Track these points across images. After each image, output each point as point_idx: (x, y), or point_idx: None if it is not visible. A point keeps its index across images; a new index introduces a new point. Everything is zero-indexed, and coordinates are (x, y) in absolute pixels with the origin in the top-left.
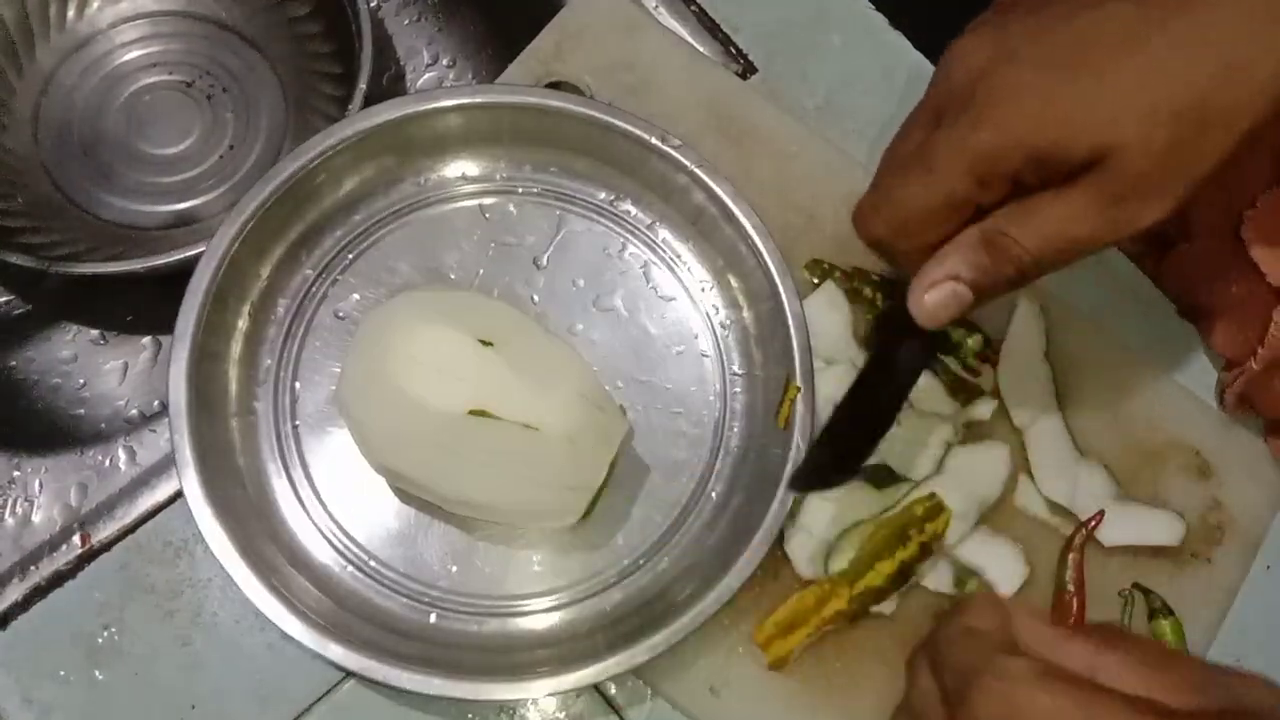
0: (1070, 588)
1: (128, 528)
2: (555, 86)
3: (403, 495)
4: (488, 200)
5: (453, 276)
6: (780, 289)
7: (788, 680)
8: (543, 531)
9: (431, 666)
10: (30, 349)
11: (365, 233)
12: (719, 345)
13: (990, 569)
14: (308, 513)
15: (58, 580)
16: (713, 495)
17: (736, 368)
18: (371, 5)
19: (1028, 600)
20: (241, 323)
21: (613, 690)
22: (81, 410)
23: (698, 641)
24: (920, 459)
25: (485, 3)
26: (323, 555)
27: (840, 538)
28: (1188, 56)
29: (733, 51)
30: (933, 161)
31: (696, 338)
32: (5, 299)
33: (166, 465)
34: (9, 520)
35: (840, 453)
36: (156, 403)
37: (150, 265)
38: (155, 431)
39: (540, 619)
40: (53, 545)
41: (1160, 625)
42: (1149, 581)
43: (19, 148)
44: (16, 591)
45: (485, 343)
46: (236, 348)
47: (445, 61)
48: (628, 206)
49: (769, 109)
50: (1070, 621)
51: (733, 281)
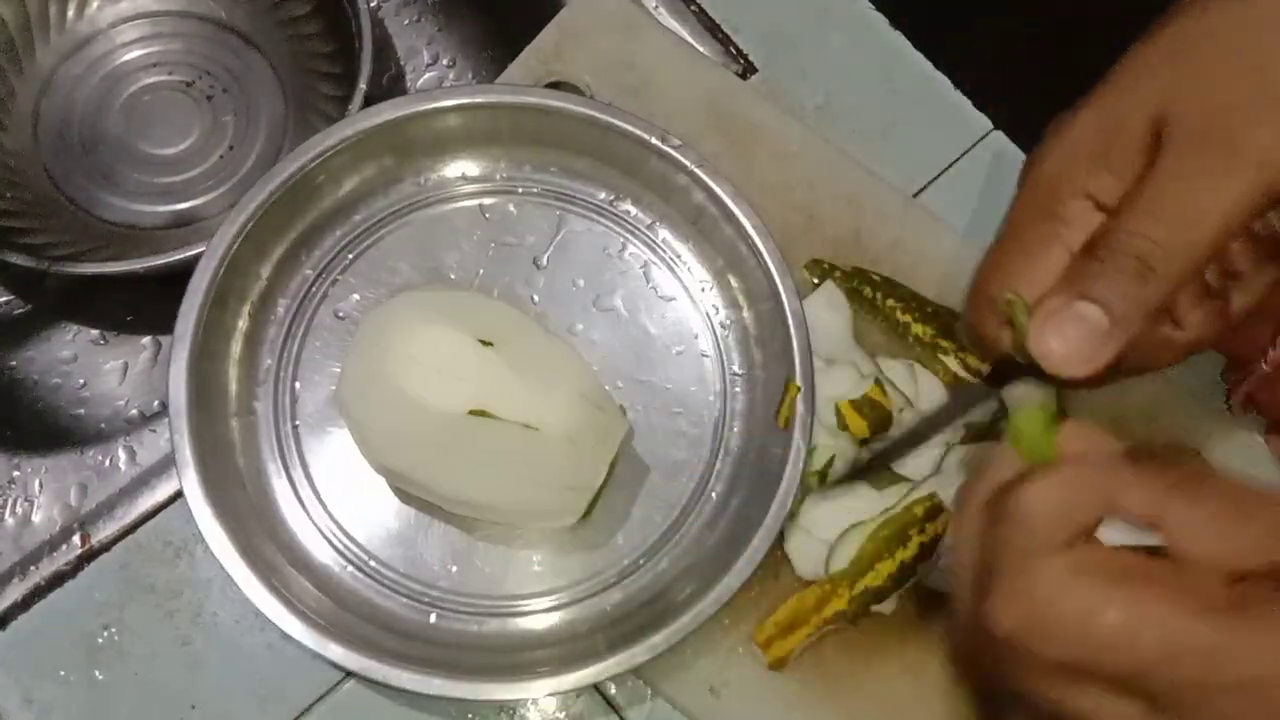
0: None
1: (128, 528)
2: (555, 86)
3: (403, 495)
4: (488, 200)
5: (453, 276)
6: (780, 289)
7: (788, 680)
8: (543, 531)
9: (431, 666)
10: (30, 349)
11: (365, 233)
12: (719, 345)
13: None
14: (308, 513)
15: (58, 580)
16: (713, 495)
17: (736, 368)
18: (371, 5)
19: None
20: (241, 323)
21: (613, 690)
22: (81, 410)
23: (698, 641)
24: (920, 459)
25: (485, 3)
26: (323, 555)
27: (840, 538)
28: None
29: (733, 51)
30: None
31: (696, 338)
32: (5, 299)
33: (166, 465)
34: (9, 520)
35: None
36: (156, 403)
37: (150, 265)
38: (155, 431)
39: (540, 619)
40: (53, 545)
41: None
42: None
43: (19, 148)
44: (16, 591)
45: (485, 343)
46: (236, 348)
47: (445, 61)
48: (628, 206)
49: (769, 109)
50: None
51: (733, 281)
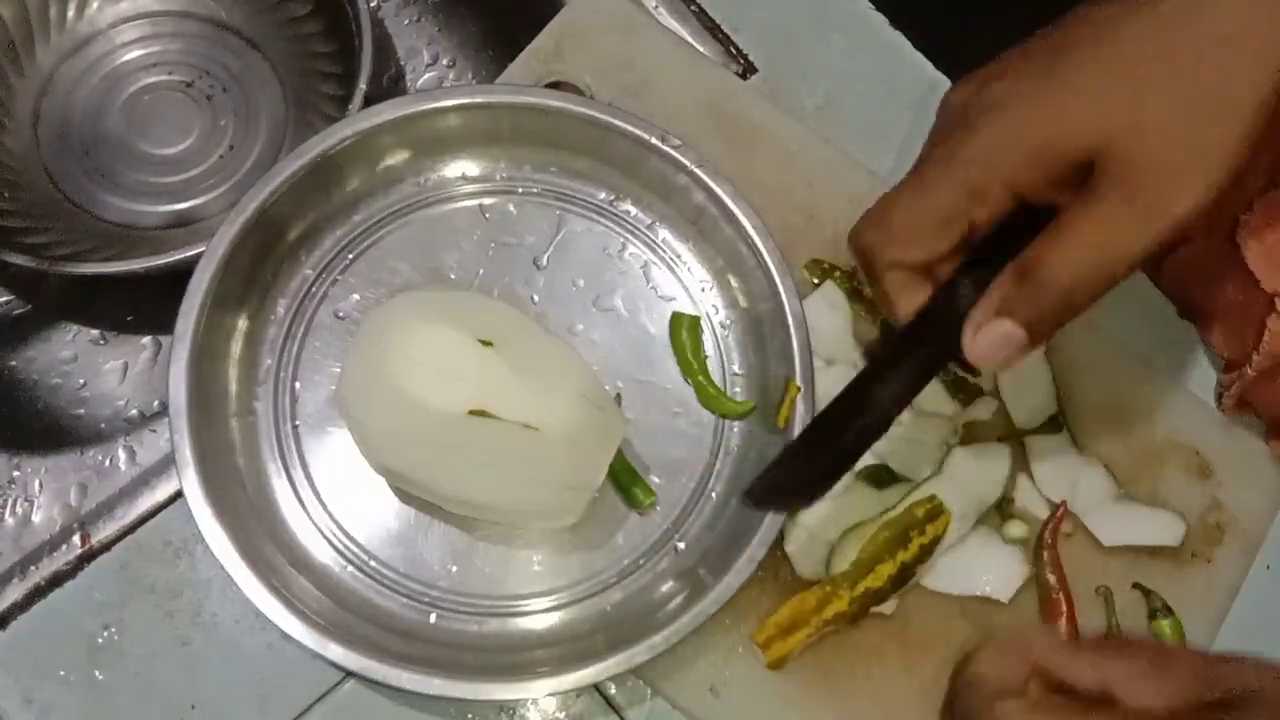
0: (1053, 582)
1: (128, 528)
2: (555, 86)
3: (403, 495)
4: (488, 200)
5: (453, 276)
6: (780, 289)
7: (787, 680)
8: (543, 531)
9: (431, 666)
10: (30, 349)
11: (365, 233)
12: (719, 345)
13: (990, 570)
14: (308, 513)
15: (58, 580)
16: (713, 495)
17: (736, 368)
18: (371, 5)
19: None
20: (241, 323)
21: (613, 690)
22: (81, 410)
23: (698, 641)
24: (920, 459)
25: (485, 3)
26: (323, 555)
27: (841, 539)
28: (1167, 37)
29: (733, 51)
30: (924, 172)
31: None
32: (5, 299)
33: (166, 465)
34: (9, 520)
35: (800, 477)
36: (156, 403)
37: (150, 265)
38: (155, 431)
39: (540, 619)
40: (53, 545)
41: (1160, 625)
42: (1149, 581)
43: (19, 148)
44: (16, 591)
45: (485, 343)
46: (236, 348)
47: (445, 61)
48: (628, 206)
49: (769, 109)
50: (1061, 619)
51: (733, 281)
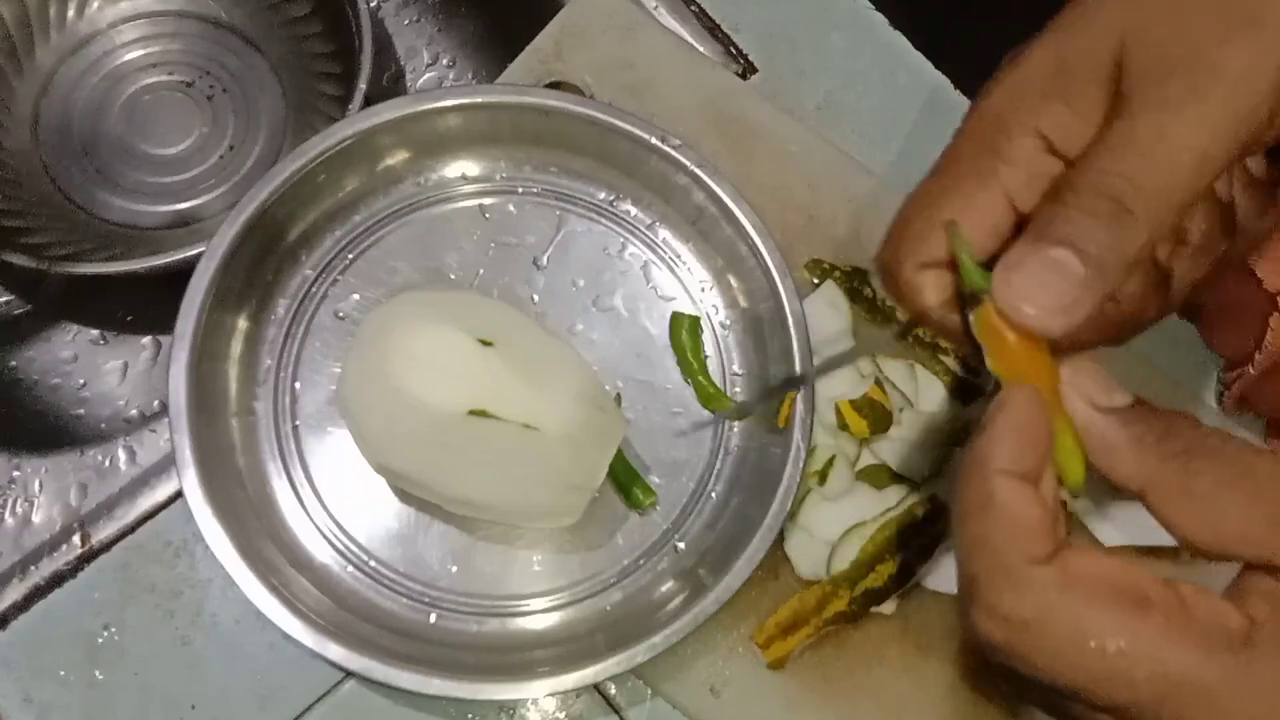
0: None
1: (128, 528)
2: (555, 86)
3: (403, 495)
4: (488, 200)
5: (453, 276)
6: (780, 289)
7: (788, 680)
8: (543, 531)
9: (431, 666)
10: (30, 349)
11: (365, 233)
12: (719, 345)
13: None
14: (308, 513)
15: (57, 580)
16: (713, 495)
17: (736, 368)
18: (371, 5)
19: None
20: (241, 323)
21: (613, 690)
22: (81, 410)
23: (698, 641)
24: (920, 459)
25: (485, 2)
26: (323, 555)
27: (841, 539)
28: None
29: (733, 51)
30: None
31: None
32: (5, 299)
33: (166, 465)
34: (9, 520)
35: None
36: (156, 403)
37: (150, 265)
38: (155, 431)
39: (540, 619)
40: (52, 545)
41: None
42: None
43: (19, 148)
44: (16, 591)
45: (485, 343)
46: (236, 348)
47: (445, 61)
48: (628, 206)
49: (769, 109)
50: None
51: (733, 281)
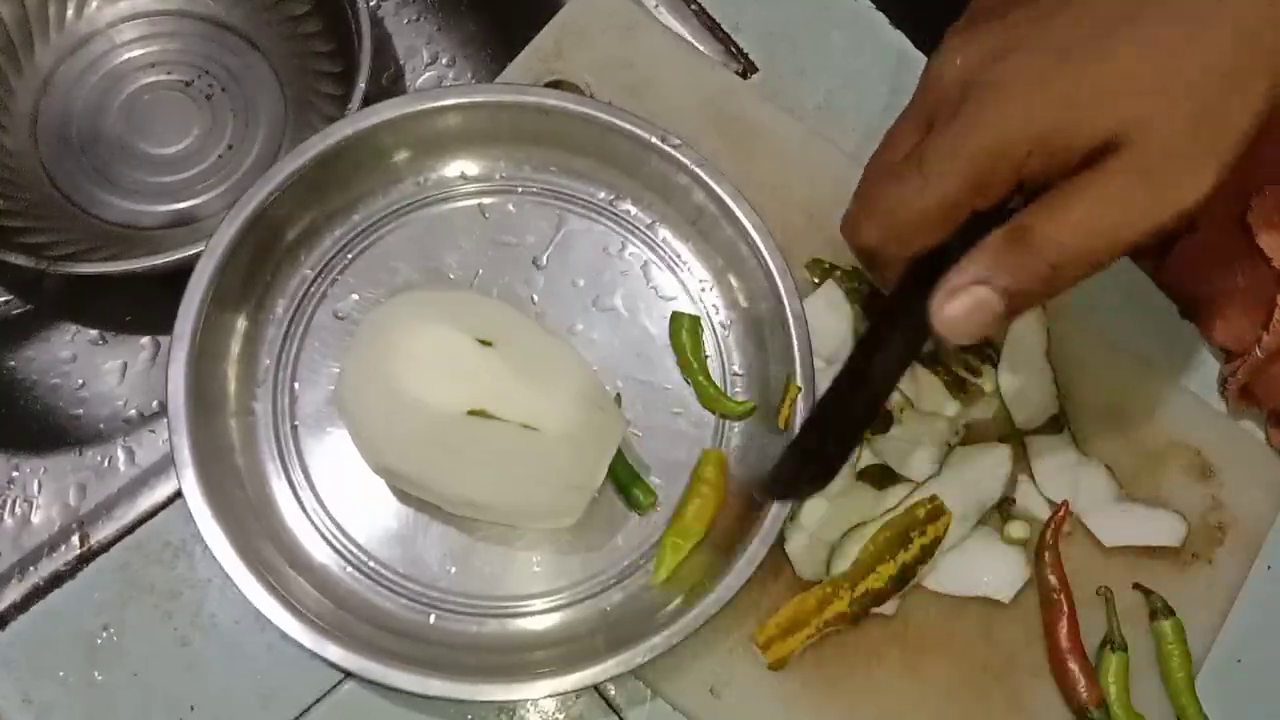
0: (1054, 582)
1: (127, 528)
2: (555, 86)
3: (402, 495)
4: (487, 200)
5: (452, 276)
6: (780, 289)
7: (788, 681)
8: (542, 532)
9: (431, 667)
10: (30, 349)
11: (365, 233)
12: (719, 345)
13: (991, 571)
14: (307, 513)
15: (57, 581)
16: None
17: (736, 368)
18: (371, 4)
19: (1028, 605)
20: (241, 323)
21: (612, 691)
22: (80, 410)
23: (697, 642)
24: (920, 459)
25: (485, 1)
26: (322, 555)
27: (842, 540)
28: (1190, 27)
29: (733, 51)
30: (927, 164)
31: None
32: (5, 299)
33: (165, 465)
34: (8, 520)
35: (814, 461)
36: (155, 403)
37: (150, 265)
38: (154, 432)
39: (540, 620)
40: (52, 546)
41: (1161, 626)
42: (1150, 582)
43: (19, 148)
44: (16, 592)
45: (485, 343)
46: (235, 347)
47: (445, 60)
48: (628, 206)
49: (769, 109)
50: (1063, 620)
51: (733, 281)
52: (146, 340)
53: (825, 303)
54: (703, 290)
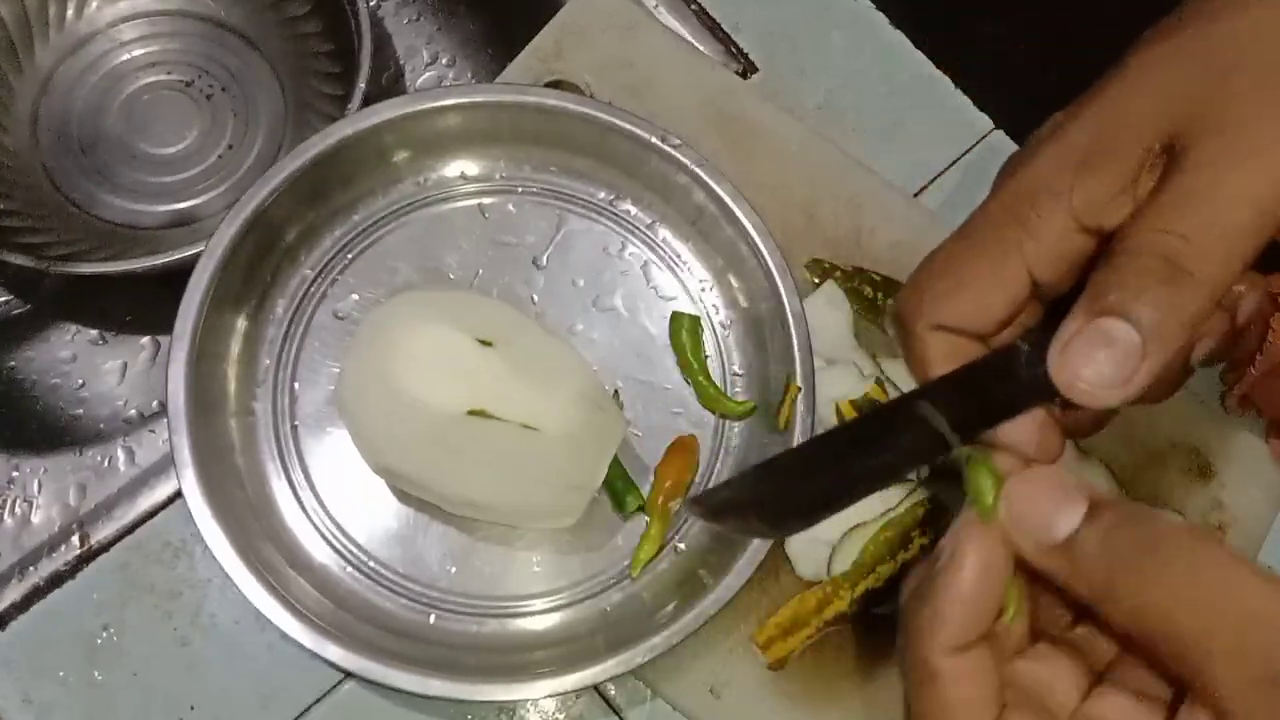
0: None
1: (127, 528)
2: (555, 85)
3: (402, 495)
4: (487, 200)
5: (452, 276)
6: (780, 289)
7: (788, 681)
8: (542, 532)
9: (431, 667)
10: (30, 349)
11: (365, 233)
12: (719, 345)
13: None
14: (307, 513)
15: (57, 581)
16: None
17: (736, 368)
18: (371, 4)
19: None
20: (241, 323)
21: (612, 691)
22: (80, 410)
23: (698, 643)
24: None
25: (485, 2)
26: (322, 555)
27: (842, 540)
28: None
29: (733, 51)
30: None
31: None
32: (5, 299)
33: (165, 465)
34: (8, 520)
35: (775, 500)
36: (155, 403)
37: (150, 265)
38: (154, 432)
39: (540, 620)
40: (52, 546)
41: None
42: None
43: (19, 148)
44: (16, 592)
45: (485, 343)
46: (235, 348)
47: (445, 60)
48: (628, 206)
49: (769, 109)
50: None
51: (733, 281)
52: (146, 340)
53: (825, 302)
54: (703, 290)
